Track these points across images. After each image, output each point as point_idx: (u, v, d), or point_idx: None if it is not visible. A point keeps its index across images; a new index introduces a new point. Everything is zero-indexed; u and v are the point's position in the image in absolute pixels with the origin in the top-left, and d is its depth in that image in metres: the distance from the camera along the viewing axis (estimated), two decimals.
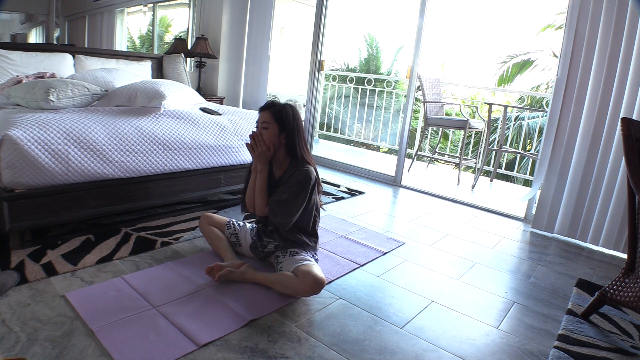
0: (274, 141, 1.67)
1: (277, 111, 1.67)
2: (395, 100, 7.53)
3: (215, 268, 1.69)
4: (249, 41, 4.31)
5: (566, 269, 2.25)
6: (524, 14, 11.65)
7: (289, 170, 1.72)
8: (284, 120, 1.67)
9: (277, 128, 1.67)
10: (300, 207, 1.67)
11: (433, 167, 4.85)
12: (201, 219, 1.99)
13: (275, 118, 1.67)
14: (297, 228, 1.76)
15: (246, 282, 1.70)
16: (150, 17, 4.90)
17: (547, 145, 2.74)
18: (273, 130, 1.67)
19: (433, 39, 9.88)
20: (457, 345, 1.46)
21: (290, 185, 1.66)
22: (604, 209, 2.50)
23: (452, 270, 2.07)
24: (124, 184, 2.10)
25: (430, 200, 3.34)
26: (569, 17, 2.58)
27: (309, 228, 1.79)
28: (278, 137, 1.68)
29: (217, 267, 1.69)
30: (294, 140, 1.70)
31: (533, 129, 6.81)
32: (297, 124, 1.70)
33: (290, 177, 1.68)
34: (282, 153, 1.72)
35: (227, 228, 1.96)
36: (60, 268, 1.67)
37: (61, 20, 4.43)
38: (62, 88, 2.23)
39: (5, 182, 1.75)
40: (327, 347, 1.37)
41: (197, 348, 1.29)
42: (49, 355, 1.19)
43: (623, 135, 1.52)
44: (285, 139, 1.69)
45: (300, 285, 1.58)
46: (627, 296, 1.56)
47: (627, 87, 2.36)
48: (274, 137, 1.67)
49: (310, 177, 1.66)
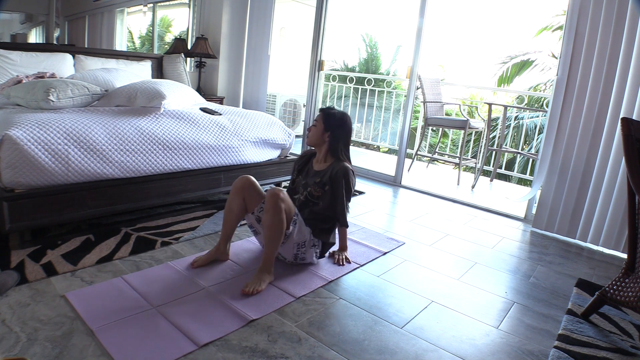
0: (318, 137, 1.97)
1: (327, 114, 1.97)
2: (395, 100, 7.53)
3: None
4: (249, 41, 4.31)
5: (566, 269, 2.25)
6: (523, 14, 11.67)
7: (330, 167, 1.95)
8: (330, 122, 1.96)
9: (323, 127, 1.95)
10: (349, 195, 1.94)
11: (433, 167, 4.85)
12: (243, 180, 1.87)
13: (323, 119, 1.97)
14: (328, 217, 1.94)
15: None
16: (150, 17, 4.90)
17: (547, 145, 2.74)
18: (319, 127, 1.97)
19: (433, 39, 9.89)
20: (457, 345, 1.46)
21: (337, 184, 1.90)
22: (604, 209, 2.50)
23: (452, 270, 2.07)
24: (124, 184, 2.10)
25: (430, 200, 3.34)
26: (569, 18, 2.58)
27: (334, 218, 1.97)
28: (322, 135, 1.96)
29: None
30: (337, 142, 1.97)
31: (530, 129, 6.82)
32: (343, 131, 1.98)
33: (332, 175, 1.91)
34: (324, 149, 1.99)
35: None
36: (60, 268, 1.67)
37: (61, 20, 4.43)
38: (62, 88, 2.23)
39: (5, 182, 1.75)
40: (327, 347, 1.37)
41: (197, 348, 1.29)
42: (49, 355, 1.19)
43: (623, 135, 1.52)
44: (329, 138, 1.96)
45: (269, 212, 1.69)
46: (627, 296, 1.56)
47: (627, 87, 2.36)
48: (319, 134, 1.97)
49: (347, 169, 1.93)
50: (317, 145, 2.00)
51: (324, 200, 1.92)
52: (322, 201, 1.92)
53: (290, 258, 1.89)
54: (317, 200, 1.92)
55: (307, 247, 1.88)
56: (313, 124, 2.01)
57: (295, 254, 1.88)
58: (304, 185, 2.00)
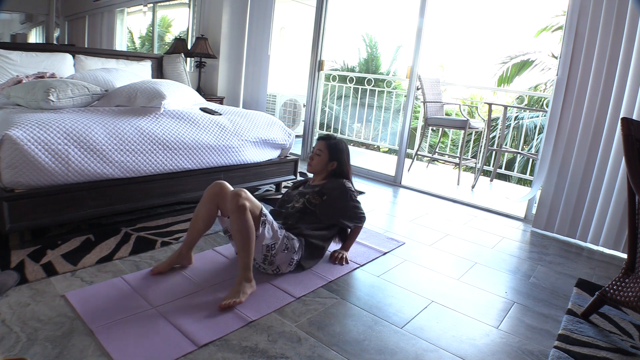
0: (322, 166, 2.04)
1: (331, 145, 2.04)
2: (395, 100, 7.53)
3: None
4: (249, 41, 4.31)
5: (566, 269, 2.25)
6: (523, 15, 11.67)
7: (328, 181, 2.03)
8: (335, 153, 2.04)
9: (328, 157, 2.03)
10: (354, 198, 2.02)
11: (433, 167, 4.85)
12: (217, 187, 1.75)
13: (329, 150, 2.04)
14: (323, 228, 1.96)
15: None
16: (150, 17, 4.90)
17: (547, 145, 2.74)
18: (324, 157, 2.03)
19: (433, 39, 9.89)
20: (457, 345, 1.46)
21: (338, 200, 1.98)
22: (604, 209, 2.50)
23: (452, 270, 2.07)
24: (124, 184, 2.10)
25: (430, 200, 3.34)
26: (569, 18, 2.58)
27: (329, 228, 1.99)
28: (327, 164, 2.04)
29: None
30: (342, 168, 2.06)
31: (530, 129, 6.82)
32: (347, 157, 2.08)
33: (331, 187, 1.99)
34: (325, 174, 2.06)
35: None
36: (60, 268, 1.67)
37: (61, 20, 4.43)
38: (62, 88, 2.23)
39: (5, 182, 1.75)
40: (327, 347, 1.37)
41: (197, 348, 1.29)
42: (49, 355, 1.19)
43: (623, 135, 1.52)
44: (335, 167, 2.05)
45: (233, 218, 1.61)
46: (627, 296, 1.56)
47: (627, 87, 2.36)
48: (323, 163, 2.04)
49: (343, 182, 2.02)
50: (320, 172, 2.07)
51: (321, 209, 1.93)
52: (319, 210, 1.93)
53: (259, 260, 1.76)
54: (315, 207, 1.94)
55: (278, 251, 1.75)
56: (316, 152, 2.05)
57: (265, 255, 1.74)
58: (300, 194, 2.02)
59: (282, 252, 1.76)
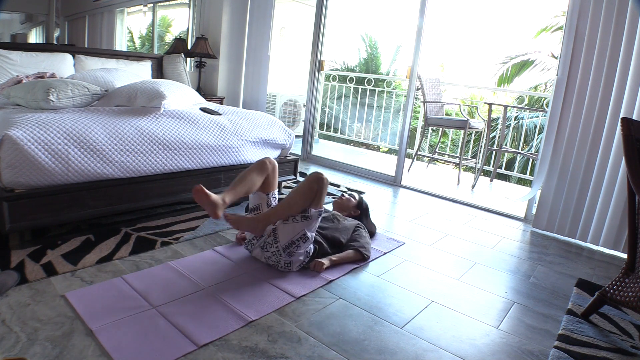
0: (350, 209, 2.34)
1: (361, 203, 2.38)
2: (395, 100, 7.53)
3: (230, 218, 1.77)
4: (249, 41, 4.31)
5: (566, 269, 2.25)
6: (523, 15, 11.67)
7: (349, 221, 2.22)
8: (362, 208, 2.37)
9: (355, 207, 2.37)
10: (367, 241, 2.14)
11: (433, 167, 4.85)
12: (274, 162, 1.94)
13: (358, 206, 2.37)
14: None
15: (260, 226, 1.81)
16: (150, 17, 4.89)
17: (547, 145, 2.74)
18: (353, 204, 2.36)
19: (433, 39, 9.89)
20: (457, 345, 1.46)
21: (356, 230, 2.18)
22: (604, 209, 2.50)
23: (452, 270, 2.07)
24: (124, 184, 2.10)
25: (430, 200, 3.34)
26: (569, 18, 2.58)
27: None
28: (353, 209, 2.35)
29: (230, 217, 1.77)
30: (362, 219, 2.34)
31: (530, 129, 6.82)
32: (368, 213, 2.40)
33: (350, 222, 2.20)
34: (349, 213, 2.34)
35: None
36: (60, 268, 1.67)
37: (61, 20, 4.42)
38: (62, 88, 2.23)
39: (5, 182, 1.75)
40: (327, 347, 1.37)
41: (197, 348, 1.29)
42: (49, 355, 1.19)
43: (623, 135, 1.52)
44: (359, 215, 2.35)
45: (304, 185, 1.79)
46: (627, 296, 1.56)
47: (627, 87, 2.36)
48: (350, 208, 2.35)
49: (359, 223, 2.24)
50: (343, 211, 2.34)
51: (339, 228, 2.11)
52: (339, 226, 2.11)
53: (284, 242, 1.79)
54: (337, 223, 2.13)
55: (302, 249, 1.82)
56: (346, 197, 2.36)
57: (293, 242, 1.78)
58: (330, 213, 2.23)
59: (303, 251, 1.85)
